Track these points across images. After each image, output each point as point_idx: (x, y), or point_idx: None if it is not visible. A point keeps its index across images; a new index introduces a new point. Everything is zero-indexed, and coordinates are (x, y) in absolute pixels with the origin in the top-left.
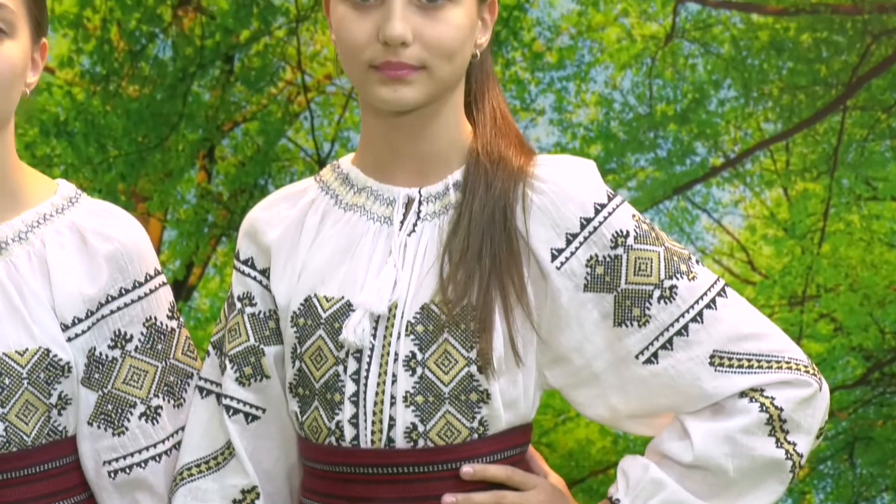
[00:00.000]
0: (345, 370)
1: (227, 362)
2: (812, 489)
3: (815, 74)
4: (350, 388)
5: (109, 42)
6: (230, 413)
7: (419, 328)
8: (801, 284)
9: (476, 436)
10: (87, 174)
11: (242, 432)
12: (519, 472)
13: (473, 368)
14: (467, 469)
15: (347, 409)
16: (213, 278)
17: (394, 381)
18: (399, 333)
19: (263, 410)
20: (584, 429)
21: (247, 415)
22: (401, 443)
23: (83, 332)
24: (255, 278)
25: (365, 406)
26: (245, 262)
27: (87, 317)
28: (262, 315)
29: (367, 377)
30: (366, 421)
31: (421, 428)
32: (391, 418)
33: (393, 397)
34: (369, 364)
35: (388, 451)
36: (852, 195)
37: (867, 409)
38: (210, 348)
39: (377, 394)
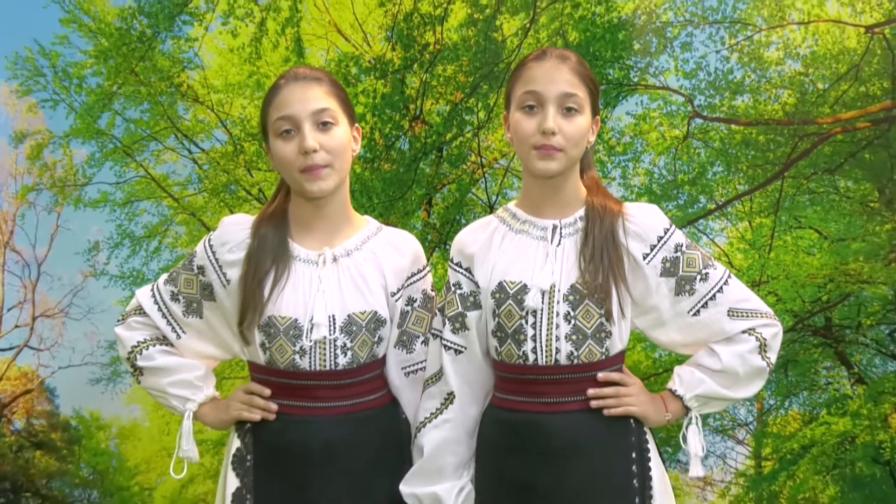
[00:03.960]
0: (526, 322)
1: (446, 320)
2: (764, 389)
3: (767, 158)
4: (530, 332)
5: (374, 140)
6: (447, 349)
7: (570, 297)
8: (758, 275)
9: (604, 357)
10: (360, 214)
11: (453, 360)
12: (627, 375)
13: (603, 319)
14: (601, 375)
15: (530, 344)
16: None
17: (557, 327)
18: (559, 300)
19: (465, 348)
20: (637, 354)
21: (456, 350)
22: (564, 361)
23: (400, 296)
24: (462, 273)
25: (541, 342)
26: (457, 265)
27: (401, 288)
28: (465, 294)
29: (541, 325)
30: (542, 350)
31: (576, 353)
32: (557, 349)
33: (558, 337)
34: (541, 318)
35: (557, 367)
36: (787, 226)
37: (794, 345)
38: (437, 311)
39: (548, 335)
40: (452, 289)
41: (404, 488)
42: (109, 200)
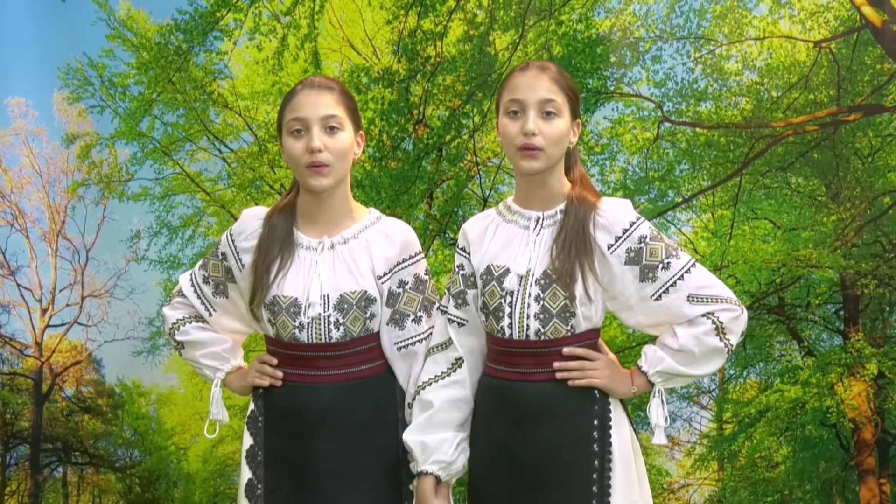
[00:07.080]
0: (505, 301)
1: (451, 297)
2: (726, 361)
3: (727, 157)
4: (507, 310)
5: (382, 141)
6: (451, 322)
7: (542, 281)
8: (720, 260)
9: (569, 334)
10: (369, 206)
11: (457, 331)
12: (591, 351)
13: (567, 301)
14: (566, 349)
15: (506, 320)
16: (430, 257)
17: (528, 307)
18: (532, 283)
19: (466, 321)
20: (614, 331)
21: (459, 323)
22: (533, 337)
23: (388, 279)
24: (464, 256)
25: (514, 319)
26: (461, 249)
27: (389, 272)
28: (466, 274)
29: (515, 305)
30: (515, 326)
31: (543, 330)
32: (528, 326)
33: (528, 315)
34: (517, 298)
35: (528, 341)
36: (745, 217)
37: (751, 322)
38: (446, 289)
39: (521, 313)
40: (457, 270)
41: (409, 436)
42: (149, 194)
